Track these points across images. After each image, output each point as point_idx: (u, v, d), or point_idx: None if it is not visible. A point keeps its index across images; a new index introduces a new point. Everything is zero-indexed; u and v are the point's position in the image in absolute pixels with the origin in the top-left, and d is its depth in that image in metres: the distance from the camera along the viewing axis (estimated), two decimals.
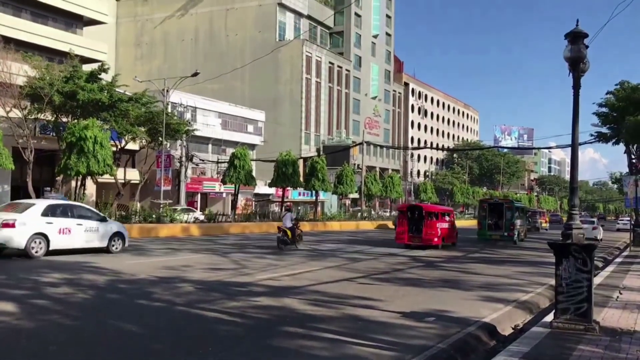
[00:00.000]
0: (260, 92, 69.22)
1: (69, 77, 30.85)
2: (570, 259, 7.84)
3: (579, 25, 9.96)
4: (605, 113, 37.70)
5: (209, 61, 72.29)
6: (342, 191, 48.98)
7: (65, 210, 17.05)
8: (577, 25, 9.89)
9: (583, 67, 9.62)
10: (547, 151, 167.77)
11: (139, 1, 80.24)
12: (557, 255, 7.99)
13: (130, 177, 39.31)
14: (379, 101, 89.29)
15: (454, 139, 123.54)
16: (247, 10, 73.11)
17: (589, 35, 9.76)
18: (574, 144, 10.23)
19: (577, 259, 7.78)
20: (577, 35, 9.53)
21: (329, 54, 76.63)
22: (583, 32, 9.60)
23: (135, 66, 75.86)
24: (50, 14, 43.74)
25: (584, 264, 7.75)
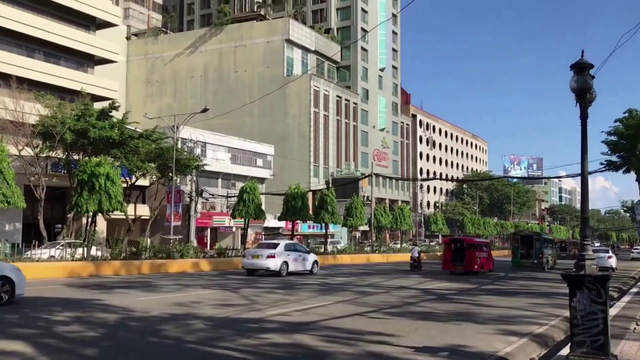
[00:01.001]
0: (269, 126, 69.82)
1: (81, 115, 31.33)
2: (584, 290, 7.72)
3: (584, 56, 10.04)
4: (614, 141, 37.52)
5: (218, 97, 73.28)
6: (352, 223, 48.83)
7: (295, 247, 27.16)
8: (582, 56, 9.97)
9: (590, 98, 9.65)
10: (557, 180, 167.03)
11: (150, 40, 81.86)
12: (570, 287, 7.88)
13: (141, 212, 39.51)
14: (387, 133, 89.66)
15: (463, 169, 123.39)
16: (255, 47, 74.30)
17: (594, 66, 9.82)
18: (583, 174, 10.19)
19: (591, 290, 7.66)
20: (583, 66, 9.59)
21: (337, 88, 77.40)
22: (588, 63, 9.65)
23: (146, 103, 76.92)
24: (62, 54, 44.64)
25: (599, 295, 7.63)
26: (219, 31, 76.84)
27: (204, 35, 78.43)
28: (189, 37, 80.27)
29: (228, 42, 76.17)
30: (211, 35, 77.63)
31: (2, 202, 24.77)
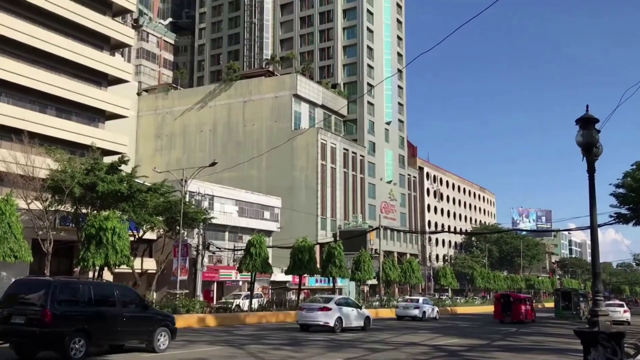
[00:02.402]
0: (277, 179, 70.19)
1: (90, 169, 31.65)
2: (599, 348, 7.54)
3: (589, 111, 10.14)
4: (623, 194, 37.37)
5: (226, 150, 74.11)
6: (359, 277, 48.25)
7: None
8: (587, 110, 10.08)
9: (596, 152, 9.71)
10: (566, 233, 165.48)
11: (160, 95, 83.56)
12: (584, 344, 7.69)
13: (147, 266, 39.28)
14: (394, 185, 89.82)
15: (471, 222, 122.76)
16: (263, 102, 75.60)
17: (599, 120, 9.92)
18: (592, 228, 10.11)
19: (606, 347, 7.48)
20: (588, 121, 9.69)
21: (344, 141, 78.14)
22: (593, 118, 9.76)
23: (155, 157, 77.80)
24: (74, 110, 45.47)
25: (614, 353, 7.44)
26: (229, 87, 78.40)
27: (214, 90, 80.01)
28: (199, 93, 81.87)
29: (237, 97, 77.59)
30: (220, 90, 79.18)
31: (10, 257, 24.74)
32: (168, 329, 15.74)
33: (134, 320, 14.77)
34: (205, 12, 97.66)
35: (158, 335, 15.31)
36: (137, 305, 15.34)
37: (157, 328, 15.34)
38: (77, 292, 14.02)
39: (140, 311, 15.31)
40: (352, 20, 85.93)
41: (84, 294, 14.01)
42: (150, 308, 16.38)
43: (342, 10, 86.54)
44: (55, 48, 43.31)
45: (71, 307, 13.42)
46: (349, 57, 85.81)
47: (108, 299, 14.62)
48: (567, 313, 43.32)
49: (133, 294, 16.02)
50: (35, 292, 13.21)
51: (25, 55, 42.10)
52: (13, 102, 41.49)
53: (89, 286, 14.64)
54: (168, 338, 15.64)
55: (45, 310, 12.61)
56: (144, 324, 15.11)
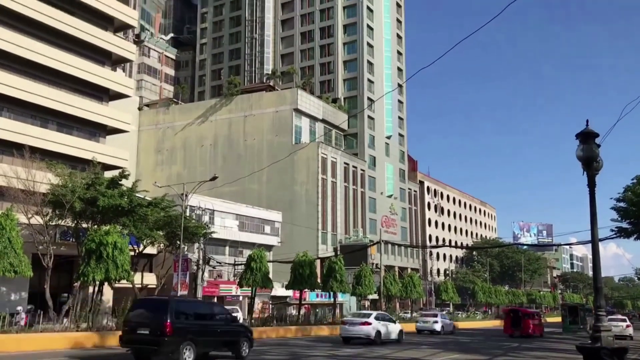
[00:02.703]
0: (277, 193, 70.19)
1: (91, 183, 31.65)
2: None
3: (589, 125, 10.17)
4: (624, 208, 37.26)
5: (227, 165, 74.21)
6: (360, 292, 48.04)
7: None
8: (587, 125, 10.10)
9: (597, 166, 9.71)
10: (568, 247, 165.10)
11: (161, 110, 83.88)
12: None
13: (148, 281, 39.13)
14: (394, 199, 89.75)
15: (472, 236, 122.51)
16: (264, 116, 75.84)
17: (599, 135, 9.94)
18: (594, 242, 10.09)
19: None
20: (588, 135, 9.71)
21: (344, 155, 78.24)
22: (593, 132, 9.78)
23: (156, 171, 77.88)
24: (75, 125, 45.62)
25: None
26: (229, 101, 78.68)
27: (215, 105, 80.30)
28: (200, 107, 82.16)
29: (238, 111, 77.84)
30: (221, 105, 79.46)
31: (9, 272, 24.67)
32: (248, 338, 18.85)
33: (225, 332, 18.12)
34: (207, 28, 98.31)
35: (242, 344, 18.30)
36: (226, 320, 18.60)
37: (241, 338, 18.50)
38: (186, 308, 17.43)
39: (229, 324, 18.57)
40: (353, 36, 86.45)
41: (190, 310, 17.55)
42: (235, 321, 19.88)
43: (342, 25, 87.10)
44: (57, 63, 43.57)
45: (183, 320, 16.46)
46: (350, 71, 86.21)
47: (207, 315, 18.15)
48: (574, 327, 44.54)
49: (224, 310, 19.59)
50: (156, 309, 16.50)
51: (26, 70, 42.35)
52: (14, 117, 41.66)
53: (194, 304, 19.64)
54: (248, 346, 18.60)
55: (167, 323, 15.63)
56: (232, 335, 18.35)
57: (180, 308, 16.84)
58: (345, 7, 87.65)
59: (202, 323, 17.35)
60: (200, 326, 17.10)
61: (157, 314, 16.04)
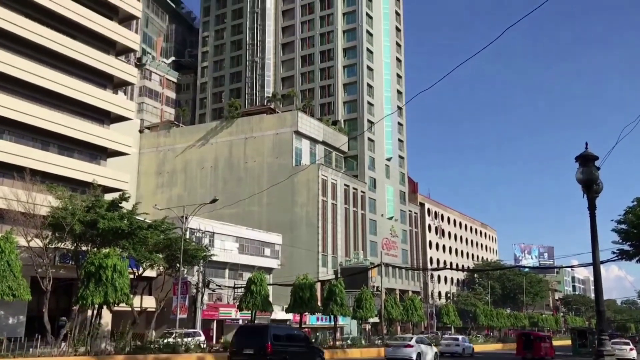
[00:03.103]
0: (278, 216, 70.06)
1: (91, 206, 31.61)
2: None
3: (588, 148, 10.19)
4: (625, 230, 37.15)
5: (227, 187, 74.23)
6: (361, 315, 47.65)
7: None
8: (587, 148, 10.12)
9: (597, 189, 9.72)
10: (569, 270, 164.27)
11: (162, 133, 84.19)
12: None
13: (147, 304, 38.87)
14: (395, 222, 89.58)
15: (473, 258, 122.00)
16: (265, 139, 76.08)
17: (598, 158, 9.95)
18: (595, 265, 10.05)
19: None
20: (587, 158, 9.73)
21: (344, 177, 78.29)
22: (593, 155, 9.80)
23: (156, 194, 77.87)
24: (76, 147, 45.76)
25: None
26: (230, 124, 78.99)
27: (215, 127, 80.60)
28: (201, 130, 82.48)
29: (238, 134, 78.09)
30: (222, 128, 79.75)
31: (8, 295, 24.49)
32: (321, 358, 24.10)
33: (305, 353, 22.57)
34: (208, 51, 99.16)
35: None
36: (306, 343, 23.54)
37: (316, 357, 23.66)
38: (279, 332, 21.87)
39: (308, 346, 23.40)
40: (352, 59, 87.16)
41: (282, 333, 22.11)
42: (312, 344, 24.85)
43: (342, 49, 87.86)
44: (59, 86, 43.87)
45: (278, 343, 20.39)
46: (349, 94, 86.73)
47: (293, 337, 22.88)
48: (584, 350, 46.45)
49: (304, 334, 25.23)
50: (258, 333, 21.02)
51: (28, 93, 42.60)
52: (15, 140, 41.80)
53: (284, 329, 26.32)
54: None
55: (268, 344, 19.78)
56: (310, 356, 23.08)
57: (276, 332, 21.19)
58: (345, 31, 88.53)
59: (291, 344, 21.55)
60: (290, 347, 21.13)
61: (260, 337, 20.11)
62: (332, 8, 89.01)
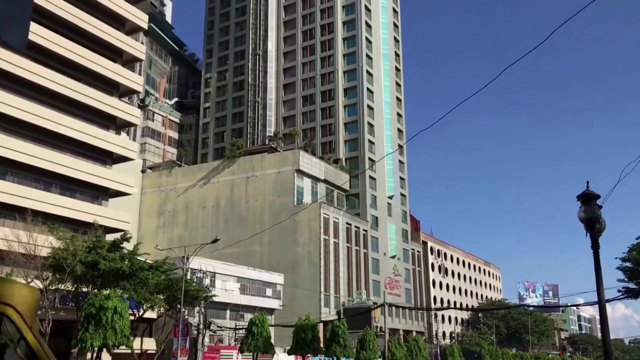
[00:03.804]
0: (279, 255, 69.67)
1: (92, 247, 31.54)
2: None
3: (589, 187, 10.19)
4: (630, 268, 36.81)
5: (229, 226, 74.03)
6: (365, 357, 46.76)
7: None
8: (588, 186, 10.12)
9: (599, 227, 9.67)
10: (575, 308, 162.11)
11: (164, 173, 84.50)
12: None
13: (147, 346, 38.31)
14: (398, 260, 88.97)
15: (477, 297, 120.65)
16: (266, 177, 76.28)
17: (600, 196, 9.94)
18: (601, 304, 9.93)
19: None
20: (589, 197, 9.72)
21: (346, 215, 78.12)
22: (594, 194, 9.79)
23: (158, 234, 77.64)
24: (78, 188, 45.91)
25: None
26: (232, 163, 79.34)
27: (217, 167, 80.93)
28: (203, 170, 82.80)
29: (240, 173, 78.34)
30: (224, 167, 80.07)
31: None
32: None
33: None
34: (210, 92, 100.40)
35: None
36: None
37: None
38: None
39: None
40: (353, 99, 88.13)
41: None
42: None
43: (343, 89, 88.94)
44: (62, 127, 44.29)
45: None
46: (350, 133, 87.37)
47: None
48: None
49: None
50: None
51: (31, 134, 42.98)
52: (18, 181, 41.96)
53: None
54: None
55: None
56: None
57: None
58: (346, 71, 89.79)
59: None
60: None
61: None
62: (333, 49, 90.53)
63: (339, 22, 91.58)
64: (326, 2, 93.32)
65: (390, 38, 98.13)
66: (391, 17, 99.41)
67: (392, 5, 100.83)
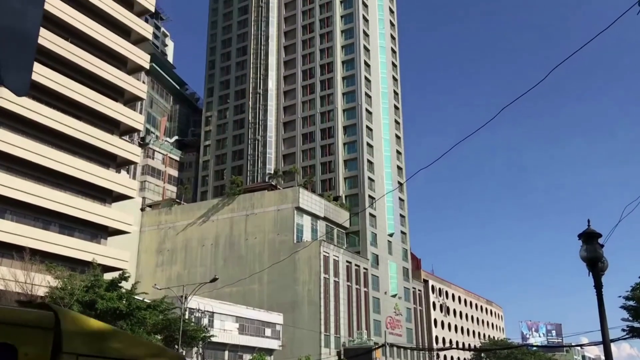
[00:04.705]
0: (279, 294, 68.91)
1: (90, 286, 31.26)
2: None
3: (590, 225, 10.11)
4: (634, 307, 36.44)
5: (228, 264, 73.50)
6: None
7: None
8: (589, 225, 10.05)
9: (602, 267, 9.56)
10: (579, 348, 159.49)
11: (163, 211, 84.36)
12: None
13: None
14: (399, 299, 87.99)
15: (479, 336, 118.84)
16: (266, 215, 76.10)
17: (602, 235, 9.86)
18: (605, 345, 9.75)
19: None
20: (591, 236, 9.64)
21: (346, 253, 77.63)
22: (596, 232, 9.71)
23: (156, 272, 77.05)
24: (77, 226, 45.76)
25: None
26: (231, 201, 79.29)
27: (217, 205, 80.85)
28: (202, 207, 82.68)
29: (239, 210, 78.21)
30: (223, 204, 79.99)
31: None
32: None
33: None
34: (211, 130, 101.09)
35: None
36: None
37: None
38: None
39: None
40: (352, 136, 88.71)
41: None
42: None
43: (342, 127, 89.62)
44: (62, 166, 44.39)
45: None
46: (350, 170, 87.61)
47: None
48: None
49: None
50: None
51: (31, 173, 43.05)
52: (17, 219, 41.83)
53: None
54: None
55: None
56: None
57: None
58: (345, 109, 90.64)
59: None
60: None
61: None
62: (332, 88, 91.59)
63: (339, 61, 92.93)
64: (326, 42, 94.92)
65: (389, 77, 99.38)
66: (389, 57, 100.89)
67: (391, 45, 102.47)
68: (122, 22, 51.22)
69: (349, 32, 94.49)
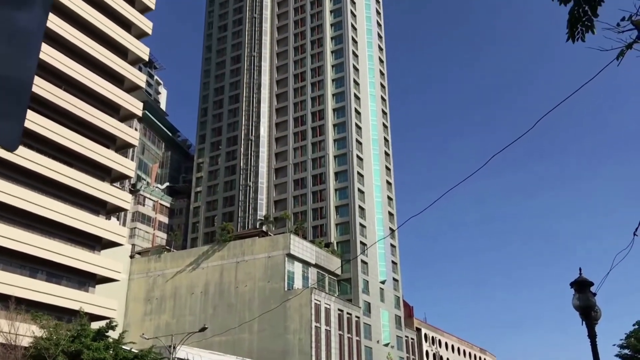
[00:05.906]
0: (269, 343, 67.58)
1: (76, 336, 30.58)
2: None
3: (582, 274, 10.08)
4: (629, 355, 36.07)
5: (217, 312, 72.24)
6: None
7: None
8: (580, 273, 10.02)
9: (595, 316, 9.49)
10: None
11: (153, 258, 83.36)
12: None
13: None
14: (391, 348, 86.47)
15: None
16: (256, 262, 75.35)
17: (594, 284, 9.82)
18: None
19: None
20: (583, 284, 9.60)
21: (338, 301, 76.63)
22: (588, 281, 9.68)
23: (144, 321, 75.55)
24: (65, 274, 45.02)
25: None
26: (222, 247, 78.59)
27: (207, 251, 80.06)
28: (192, 254, 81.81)
29: (230, 257, 77.43)
30: (214, 251, 79.24)
31: None
32: None
33: None
34: (202, 176, 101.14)
35: None
36: None
37: None
38: None
39: None
40: (344, 182, 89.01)
41: None
42: None
43: (334, 173, 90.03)
44: (50, 212, 43.94)
45: None
46: (342, 216, 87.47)
47: None
48: None
49: None
50: None
51: (18, 219, 42.49)
52: (2, 267, 41.11)
53: None
54: None
55: None
56: None
57: None
58: (336, 156, 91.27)
59: None
60: None
61: None
62: (324, 135, 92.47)
63: (330, 109, 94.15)
64: (317, 90, 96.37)
65: (379, 124, 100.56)
66: (379, 104, 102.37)
67: (380, 94, 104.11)
68: (115, 71, 51.82)
69: (339, 80, 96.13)
